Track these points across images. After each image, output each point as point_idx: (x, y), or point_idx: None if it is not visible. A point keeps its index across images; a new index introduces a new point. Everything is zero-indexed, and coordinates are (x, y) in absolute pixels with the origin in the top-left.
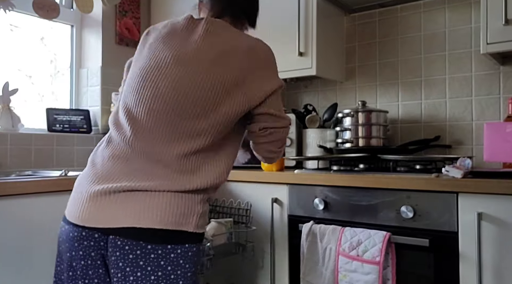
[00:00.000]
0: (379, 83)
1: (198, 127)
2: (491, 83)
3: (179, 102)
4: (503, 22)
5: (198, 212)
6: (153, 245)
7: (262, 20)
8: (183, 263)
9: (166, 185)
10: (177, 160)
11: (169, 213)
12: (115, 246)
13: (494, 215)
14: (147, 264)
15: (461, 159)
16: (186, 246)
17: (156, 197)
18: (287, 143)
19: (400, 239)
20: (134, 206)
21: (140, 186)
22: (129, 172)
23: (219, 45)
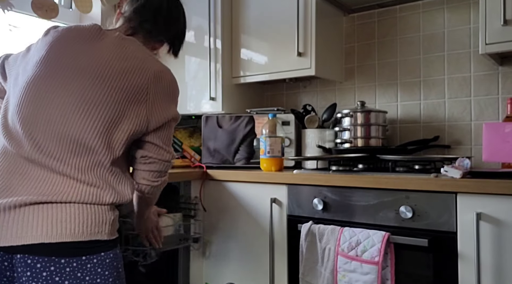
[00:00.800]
0: (378, 84)
1: (99, 143)
2: (490, 84)
3: (79, 119)
4: (501, 23)
5: (110, 219)
6: (66, 258)
7: (262, 20)
8: (101, 271)
9: (73, 197)
10: (82, 173)
11: (79, 224)
12: (25, 266)
13: (493, 215)
14: (64, 278)
15: (460, 159)
16: (102, 254)
17: (64, 209)
18: (285, 143)
19: (399, 239)
20: (41, 220)
21: (45, 199)
22: (29, 185)
23: (128, 60)
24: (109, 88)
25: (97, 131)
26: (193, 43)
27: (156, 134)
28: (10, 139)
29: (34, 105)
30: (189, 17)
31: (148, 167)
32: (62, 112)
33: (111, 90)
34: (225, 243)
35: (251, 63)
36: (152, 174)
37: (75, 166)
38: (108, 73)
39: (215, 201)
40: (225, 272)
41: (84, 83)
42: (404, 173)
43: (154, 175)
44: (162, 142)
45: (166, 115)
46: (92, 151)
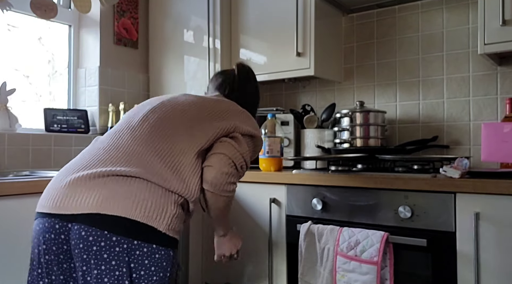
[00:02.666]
0: (377, 84)
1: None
2: (488, 84)
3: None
4: (500, 23)
5: (172, 213)
6: (118, 237)
7: (261, 20)
8: (148, 264)
9: (146, 174)
10: (171, 155)
11: (139, 203)
12: (79, 237)
13: (492, 215)
14: (112, 257)
15: (459, 159)
16: (153, 246)
17: (130, 184)
18: (285, 143)
19: (398, 239)
20: (105, 190)
21: (118, 171)
22: (111, 158)
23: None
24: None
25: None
26: (192, 43)
27: (239, 135)
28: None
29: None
30: (188, 17)
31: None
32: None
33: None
34: None
35: (250, 63)
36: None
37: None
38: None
39: None
40: (224, 272)
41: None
42: (403, 173)
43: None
44: (244, 142)
45: (249, 129)
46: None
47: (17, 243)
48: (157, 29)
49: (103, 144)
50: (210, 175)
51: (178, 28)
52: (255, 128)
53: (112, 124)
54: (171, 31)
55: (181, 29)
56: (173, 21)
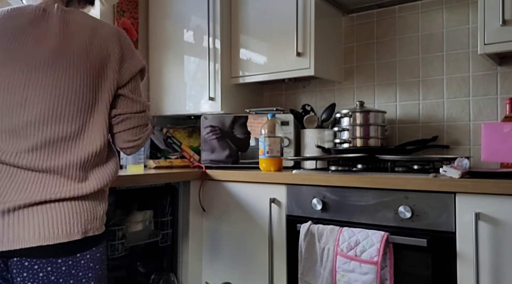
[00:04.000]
0: (377, 84)
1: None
2: (488, 84)
3: (56, 110)
4: (500, 23)
5: (100, 214)
6: (63, 258)
7: (261, 20)
8: (93, 266)
9: (65, 192)
10: (69, 169)
11: (74, 224)
12: (22, 267)
13: (492, 215)
14: (59, 277)
15: (459, 159)
16: (93, 249)
17: (57, 208)
18: (284, 143)
19: (398, 239)
20: (36, 222)
21: (38, 199)
22: (18, 188)
23: (80, 37)
24: (76, 76)
25: (75, 122)
26: (192, 43)
27: (127, 88)
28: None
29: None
30: (188, 17)
31: (123, 126)
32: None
33: (78, 76)
34: (224, 242)
35: (250, 63)
36: (131, 132)
37: (62, 164)
38: (70, 60)
39: (214, 201)
40: (224, 272)
41: (50, 78)
42: (403, 173)
43: (133, 133)
44: (133, 94)
45: (136, 68)
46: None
47: None
48: (157, 29)
49: None
50: (130, 152)
51: (178, 28)
52: (138, 57)
53: None
54: (171, 31)
55: (181, 29)
56: (173, 21)
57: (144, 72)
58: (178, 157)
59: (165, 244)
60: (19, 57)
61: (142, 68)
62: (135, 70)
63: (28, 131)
